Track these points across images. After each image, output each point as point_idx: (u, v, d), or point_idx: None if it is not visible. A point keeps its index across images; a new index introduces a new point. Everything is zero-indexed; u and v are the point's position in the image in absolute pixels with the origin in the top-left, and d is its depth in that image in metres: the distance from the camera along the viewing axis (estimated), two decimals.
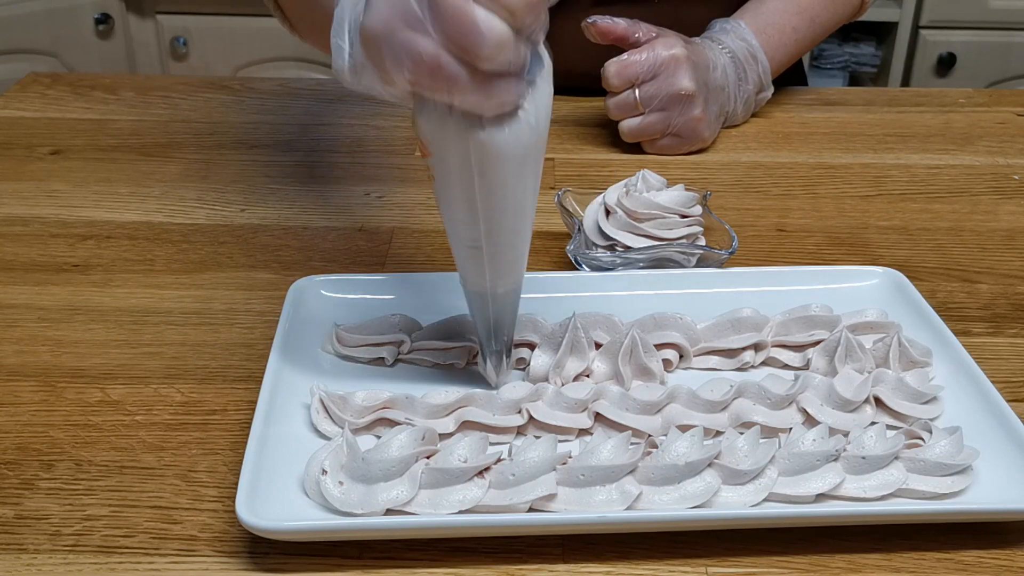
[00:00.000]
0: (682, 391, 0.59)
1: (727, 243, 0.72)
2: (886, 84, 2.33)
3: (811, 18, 1.01)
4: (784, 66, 1.02)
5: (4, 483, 0.55)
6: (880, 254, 0.79)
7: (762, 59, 0.98)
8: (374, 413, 0.57)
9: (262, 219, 0.83)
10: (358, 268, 0.76)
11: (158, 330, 0.68)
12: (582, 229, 0.74)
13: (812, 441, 0.54)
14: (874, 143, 1.00)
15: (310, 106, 1.06)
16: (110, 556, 0.50)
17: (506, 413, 0.57)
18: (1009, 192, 0.90)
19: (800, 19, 1.00)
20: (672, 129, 0.93)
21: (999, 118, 1.06)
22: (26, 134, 0.98)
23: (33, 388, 0.62)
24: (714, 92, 0.95)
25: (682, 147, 0.95)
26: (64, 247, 0.78)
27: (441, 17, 0.46)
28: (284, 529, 0.49)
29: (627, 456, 0.52)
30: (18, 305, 0.70)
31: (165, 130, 1.00)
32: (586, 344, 0.61)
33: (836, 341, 0.62)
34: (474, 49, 0.46)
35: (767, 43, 0.98)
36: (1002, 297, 0.74)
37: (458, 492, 0.51)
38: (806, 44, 1.02)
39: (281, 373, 0.59)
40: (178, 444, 0.58)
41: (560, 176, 0.91)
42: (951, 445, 0.54)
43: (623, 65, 0.91)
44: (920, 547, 0.52)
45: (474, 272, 0.56)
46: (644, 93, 0.91)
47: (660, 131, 0.93)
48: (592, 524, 0.51)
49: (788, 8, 1.00)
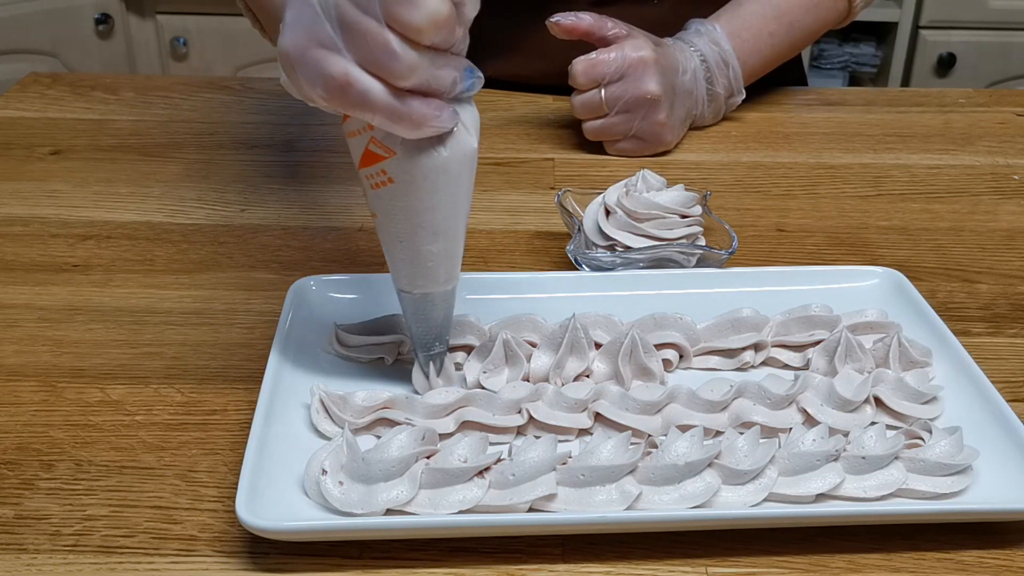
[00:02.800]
0: (682, 391, 0.59)
1: (727, 243, 0.72)
2: (886, 84, 2.33)
3: (789, 23, 0.99)
4: (760, 71, 1.00)
5: (4, 483, 0.55)
6: (880, 254, 0.79)
7: (734, 64, 0.96)
8: (374, 413, 0.57)
9: (262, 219, 0.83)
10: (358, 268, 0.76)
11: (158, 330, 0.68)
12: (582, 229, 0.74)
13: (812, 441, 0.54)
14: (874, 143, 1.00)
15: (310, 106, 1.06)
16: (110, 556, 0.50)
17: (506, 413, 0.57)
18: (1009, 192, 0.90)
19: (778, 24, 0.98)
20: (635, 131, 0.92)
21: (999, 118, 1.06)
22: (26, 134, 0.98)
23: (33, 388, 0.62)
24: (681, 96, 0.94)
25: (644, 150, 0.94)
26: (64, 247, 0.78)
27: (355, 37, 0.47)
28: (284, 529, 0.49)
29: (627, 456, 0.52)
30: (18, 305, 0.70)
31: (165, 130, 1.00)
32: (586, 344, 0.61)
33: (836, 341, 0.62)
34: (388, 68, 0.48)
35: (741, 47, 0.96)
36: (1002, 297, 0.74)
37: (458, 492, 0.51)
38: (784, 49, 1.00)
39: (281, 373, 0.59)
40: (178, 444, 0.58)
41: (560, 176, 0.91)
42: (951, 445, 0.54)
43: (591, 64, 0.90)
44: (920, 547, 0.52)
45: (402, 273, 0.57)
46: (610, 94, 0.90)
47: (622, 133, 0.93)
48: (592, 524, 0.51)
49: (766, 12, 0.98)
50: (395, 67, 0.48)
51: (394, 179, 0.52)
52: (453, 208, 0.54)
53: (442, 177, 0.52)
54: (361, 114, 0.49)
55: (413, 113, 0.49)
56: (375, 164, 0.52)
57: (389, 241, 0.55)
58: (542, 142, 0.98)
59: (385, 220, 0.54)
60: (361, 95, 0.48)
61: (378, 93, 0.48)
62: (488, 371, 0.61)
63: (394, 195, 0.53)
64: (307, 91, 0.50)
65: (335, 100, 0.49)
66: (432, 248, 0.55)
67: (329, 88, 0.49)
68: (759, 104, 1.06)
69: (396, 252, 0.56)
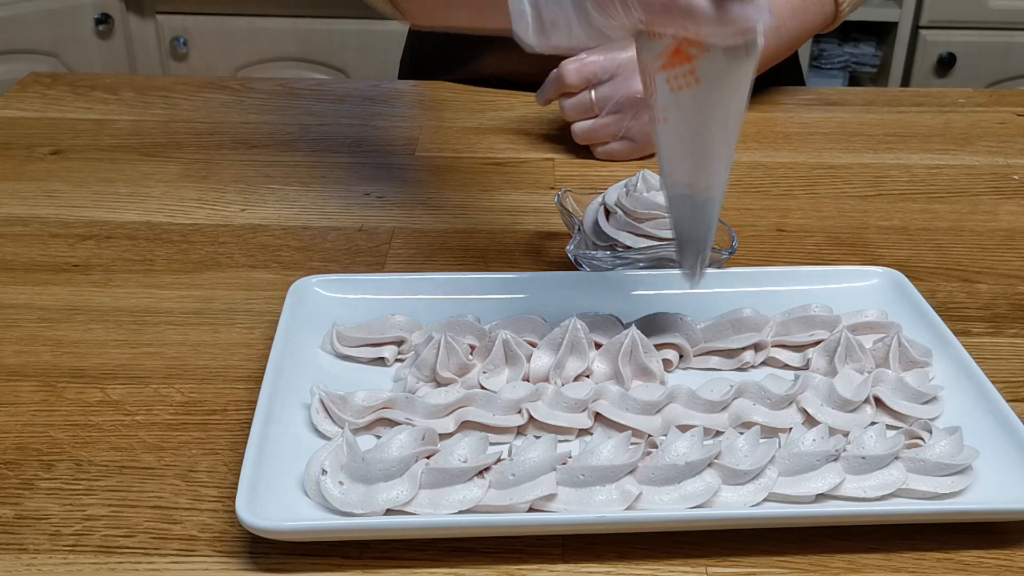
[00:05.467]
0: (682, 391, 0.59)
1: (727, 243, 0.72)
2: (886, 84, 2.32)
3: (776, 28, 0.97)
4: None
5: (4, 483, 0.55)
6: (880, 254, 0.79)
7: None
8: (374, 413, 0.57)
9: (262, 219, 0.83)
10: (358, 268, 0.76)
11: (158, 330, 0.68)
12: (582, 229, 0.74)
13: (812, 441, 0.54)
14: (874, 143, 1.00)
15: (310, 106, 1.06)
16: (110, 556, 0.50)
17: (506, 413, 0.57)
18: (1009, 192, 0.90)
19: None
20: (625, 133, 0.92)
21: (999, 118, 1.06)
22: (26, 134, 0.98)
23: (33, 388, 0.62)
24: None
25: (634, 152, 0.93)
26: (64, 247, 0.78)
27: None
28: (284, 529, 0.49)
29: (627, 456, 0.52)
30: (18, 305, 0.70)
31: (165, 130, 1.00)
32: (586, 344, 0.61)
33: (836, 341, 0.62)
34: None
35: None
36: (1002, 297, 0.74)
37: (458, 492, 0.51)
38: (770, 52, 0.99)
39: (281, 373, 0.59)
40: (178, 444, 0.58)
41: (560, 176, 0.91)
42: (951, 445, 0.54)
43: (582, 64, 0.90)
44: (920, 547, 0.52)
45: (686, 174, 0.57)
46: (600, 94, 0.90)
47: (612, 134, 0.92)
48: (592, 524, 0.51)
49: None
50: None
51: (701, 79, 0.52)
52: (742, 107, 0.54)
53: (745, 75, 0.52)
54: (683, 26, 0.48)
55: (737, 19, 0.48)
56: (683, 64, 0.51)
57: (678, 143, 0.55)
58: (542, 142, 0.98)
59: (678, 122, 0.54)
60: (687, 6, 0.47)
61: (702, 3, 0.47)
62: (488, 371, 0.61)
63: (696, 96, 0.52)
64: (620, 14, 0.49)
65: (656, 16, 0.48)
66: (721, 148, 0.55)
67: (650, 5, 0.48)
68: (758, 104, 1.06)
69: (683, 154, 0.56)
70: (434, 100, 1.08)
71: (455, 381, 0.60)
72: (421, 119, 1.04)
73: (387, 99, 1.09)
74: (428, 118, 1.04)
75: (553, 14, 0.53)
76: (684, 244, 0.60)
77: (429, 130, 1.01)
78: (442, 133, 1.00)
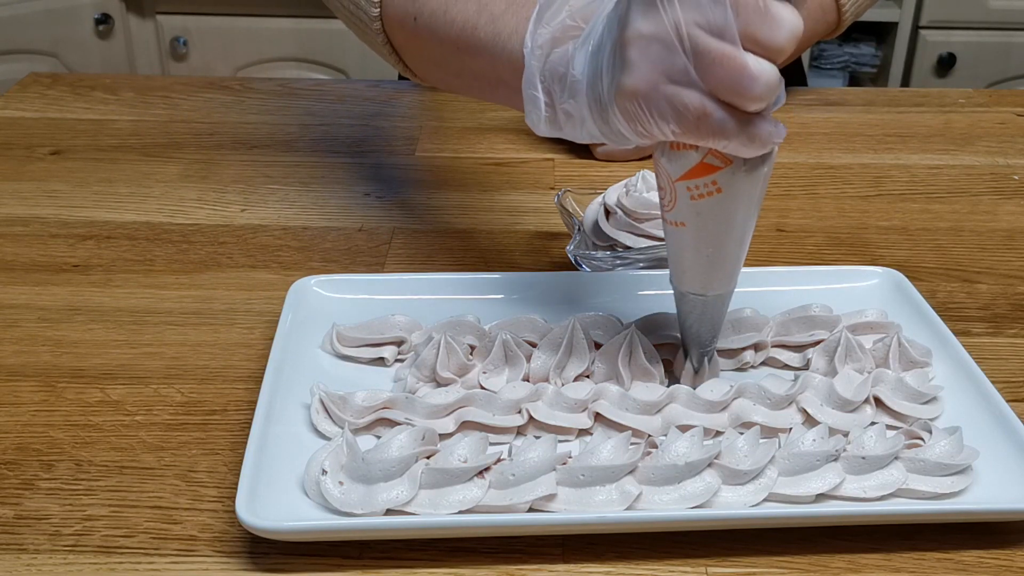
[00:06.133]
0: (682, 391, 0.59)
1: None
2: (886, 84, 2.32)
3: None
4: None
5: (4, 483, 0.55)
6: (880, 254, 0.79)
7: None
8: (374, 413, 0.57)
9: (262, 219, 0.83)
10: (358, 268, 0.76)
11: (158, 330, 0.68)
12: (582, 229, 0.74)
13: (812, 441, 0.54)
14: (874, 143, 1.00)
15: (310, 106, 1.06)
16: (110, 556, 0.50)
17: (506, 413, 0.57)
18: (1009, 192, 0.90)
19: None
20: None
21: (999, 118, 1.06)
22: (26, 134, 0.98)
23: (33, 388, 0.62)
24: None
25: (634, 153, 0.94)
26: (64, 247, 0.78)
27: (711, 65, 0.47)
28: (284, 529, 0.49)
29: (627, 456, 0.52)
30: (18, 305, 0.70)
31: (165, 130, 1.00)
32: (586, 345, 0.61)
33: (836, 341, 0.62)
34: (746, 93, 0.47)
35: None
36: (1002, 297, 0.74)
37: (458, 492, 0.51)
38: None
39: (281, 373, 0.59)
40: (178, 444, 0.58)
41: (560, 176, 0.91)
42: (951, 445, 0.54)
43: None
44: (920, 547, 0.52)
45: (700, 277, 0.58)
46: None
47: None
48: (592, 524, 0.51)
49: None
50: (754, 90, 0.47)
51: (723, 188, 0.53)
52: (756, 213, 0.55)
53: (762, 185, 0.54)
54: (714, 142, 0.50)
55: (762, 134, 0.49)
56: (707, 175, 0.53)
57: (694, 248, 0.56)
58: (542, 142, 0.97)
59: (696, 228, 0.55)
60: (718, 125, 0.48)
61: (732, 121, 0.48)
62: (488, 371, 0.61)
63: (716, 204, 0.54)
64: (655, 127, 0.50)
65: (689, 132, 0.49)
66: (737, 252, 0.56)
67: (683, 122, 0.49)
68: None
69: (699, 258, 0.56)
70: (434, 100, 1.08)
71: (455, 381, 0.60)
72: (421, 119, 1.04)
73: (387, 99, 1.09)
74: (428, 118, 1.04)
75: (568, 107, 0.54)
76: (690, 343, 0.61)
77: (429, 130, 1.01)
78: (442, 133, 1.00)
